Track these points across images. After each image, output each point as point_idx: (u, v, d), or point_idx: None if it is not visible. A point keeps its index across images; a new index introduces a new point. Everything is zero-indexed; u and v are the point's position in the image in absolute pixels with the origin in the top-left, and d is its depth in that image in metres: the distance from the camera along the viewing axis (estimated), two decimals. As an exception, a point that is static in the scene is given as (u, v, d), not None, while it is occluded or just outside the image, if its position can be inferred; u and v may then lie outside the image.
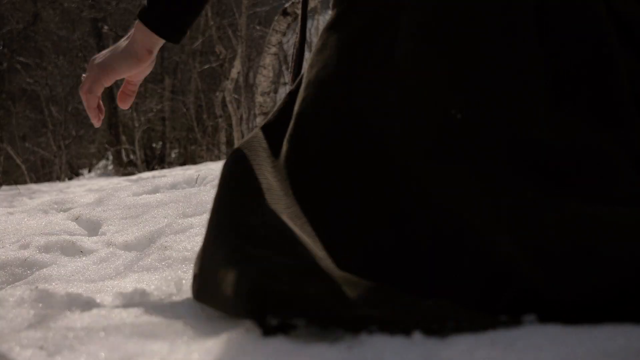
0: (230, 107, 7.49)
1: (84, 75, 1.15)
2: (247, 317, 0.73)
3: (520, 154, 0.80)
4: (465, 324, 0.66)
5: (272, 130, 1.01)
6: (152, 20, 1.07)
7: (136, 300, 1.01)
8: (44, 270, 1.43)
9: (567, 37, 0.88)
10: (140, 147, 11.50)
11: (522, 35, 0.87)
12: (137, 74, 1.13)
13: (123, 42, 1.12)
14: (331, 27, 1.00)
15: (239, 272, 0.76)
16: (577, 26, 0.88)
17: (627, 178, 0.80)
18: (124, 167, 11.40)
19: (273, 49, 6.39)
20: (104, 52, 1.14)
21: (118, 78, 1.13)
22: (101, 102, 1.16)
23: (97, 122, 1.17)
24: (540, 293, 0.69)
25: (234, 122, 7.44)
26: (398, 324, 0.66)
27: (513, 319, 0.66)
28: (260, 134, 1.02)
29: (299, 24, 1.23)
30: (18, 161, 10.22)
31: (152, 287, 1.06)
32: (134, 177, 5.48)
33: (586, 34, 0.88)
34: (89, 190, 4.61)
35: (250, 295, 0.72)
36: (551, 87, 0.85)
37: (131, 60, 1.10)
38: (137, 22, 1.08)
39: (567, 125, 0.83)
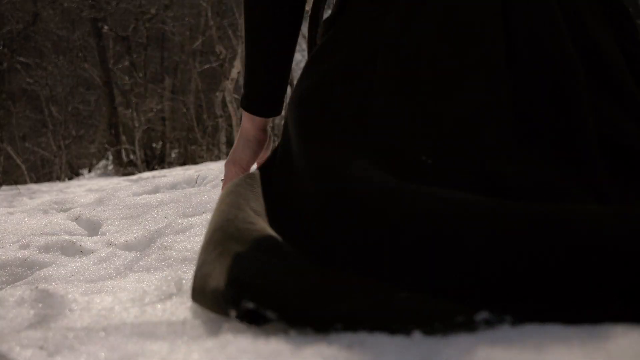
0: (230, 107, 7.49)
1: (222, 179, 1.31)
2: (226, 306, 0.75)
3: (484, 187, 0.83)
4: (438, 321, 0.66)
5: (267, 167, 1.10)
6: (252, 106, 1.20)
7: (136, 300, 1.01)
8: (44, 270, 1.43)
9: (535, 77, 0.91)
10: (140, 147, 11.49)
11: (490, 75, 0.91)
12: (264, 152, 1.26)
13: (239, 135, 1.25)
14: (314, 57, 1.06)
15: (223, 266, 0.80)
16: (546, 68, 0.92)
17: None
18: (124, 167, 11.39)
19: (273, 49, 6.38)
20: (231, 150, 1.28)
21: (251, 165, 1.26)
22: None
23: None
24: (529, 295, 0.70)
25: (234, 122, 7.44)
26: (370, 322, 0.67)
27: (493, 317, 0.66)
28: (258, 173, 1.09)
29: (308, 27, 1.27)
30: (18, 161, 10.21)
31: (152, 287, 1.06)
32: (134, 177, 5.48)
33: (554, 76, 0.91)
34: (89, 190, 4.61)
35: (229, 284, 0.75)
36: (516, 125, 0.88)
37: (252, 145, 1.24)
38: (243, 111, 1.23)
39: (529, 162, 0.86)
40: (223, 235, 0.88)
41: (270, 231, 0.88)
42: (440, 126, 0.89)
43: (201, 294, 0.86)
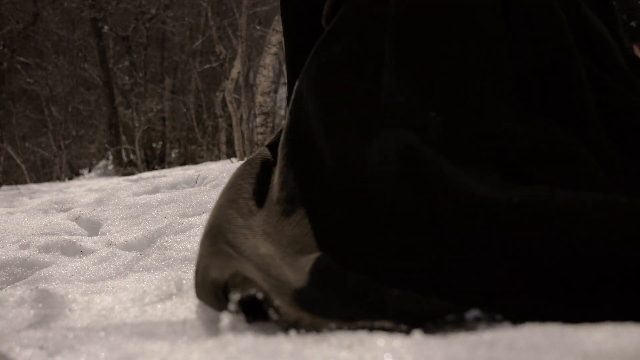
0: (230, 107, 7.48)
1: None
2: (228, 293, 0.76)
3: (486, 145, 0.87)
4: (430, 320, 0.68)
5: (274, 148, 1.13)
6: None
7: (136, 300, 1.01)
8: (44, 270, 1.43)
9: (533, 53, 0.96)
10: (140, 147, 11.49)
11: (490, 50, 0.96)
12: None
13: None
14: (323, 41, 1.10)
15: (223, 262, 0.82)
16: (542, 38, 0.97)
17: (589, 170, 0.85)
18: (124, 167, 11.39)
19: (273, 49, 6.39)
20: None
21: None
22: None
23: None
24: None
25: (234, 122, 7.44)
26: (364, 322, 0.69)
27: (485, 316, 0.67)
28: (260, 158, 1.12)
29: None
30: (18, 161, 10.21)
31: (152, 287, 1.06)
32: (134, 177, 5.49)
33: (551, 52, 0.96)
34: (89, 190, 4.61)
35: (234, 275, 0.77)
36: (517, 92, 0.94)
37: None
38: None
39: (530, 121, 0.90)
40: (219, 234, 0.90)
41: (263, 249, 0.90)
42: (446, 91, 0.94)
43: (201, 286, 0.86)
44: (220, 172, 2.96)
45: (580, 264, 0.69)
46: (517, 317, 0.66)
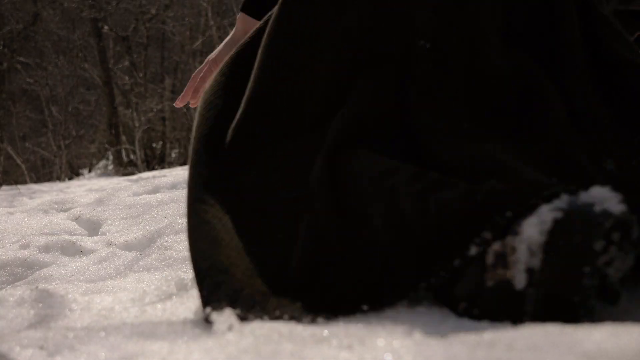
0: (230, 107, 7.48)
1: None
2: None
3: (474, 81, 0.91)
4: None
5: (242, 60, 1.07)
6: (252, 10, 1.31)
7: (136, 300, 1.01)
8: (44, 270, 1.43)
9: None
10: (140, 147, 11.48)
11: None
12: None
13: (229, 37, 1.34)
14: None
15: (208, 277, 0.83)
16: None
17: (555, 114, 0.89)
18: (124, 167, 11.37)
19: (273, 49, 6.38)
20: (217, 49, 1.36)
21: None
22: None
23: (179, 103, 1.38)
24: None
25: (234, 122, 7.43)
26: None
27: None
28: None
29: None
30: (18, 161, 10.20)
31: (152, 287, 1.06)
32: (134, 177, 5.48)
33: None
34: (89, 190, 4.61)
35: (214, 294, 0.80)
36: (505, 32, 0.95)
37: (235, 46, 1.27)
38: (240, 15, 1.35)
39: (515, 59, 0.93)
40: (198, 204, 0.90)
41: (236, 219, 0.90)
42: (436, 23, 0.94)
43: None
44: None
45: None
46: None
